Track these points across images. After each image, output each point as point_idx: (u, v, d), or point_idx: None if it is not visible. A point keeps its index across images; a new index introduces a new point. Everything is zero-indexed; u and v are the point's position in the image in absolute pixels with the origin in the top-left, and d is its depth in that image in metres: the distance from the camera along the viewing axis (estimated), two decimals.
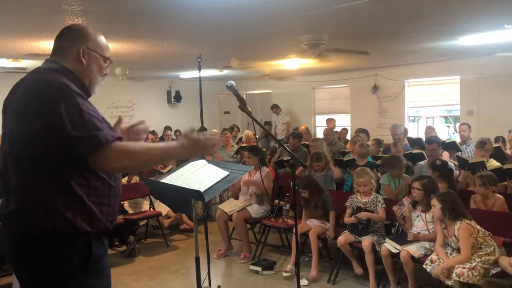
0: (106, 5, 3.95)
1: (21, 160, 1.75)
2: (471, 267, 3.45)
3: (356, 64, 9.13)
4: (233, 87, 2.62)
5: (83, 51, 1.91)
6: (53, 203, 1.73)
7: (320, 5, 4.11)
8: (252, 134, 8.38)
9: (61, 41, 1.95)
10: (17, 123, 1.77)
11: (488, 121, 8.13)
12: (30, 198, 1.74)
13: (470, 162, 5.09)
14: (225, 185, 2.30)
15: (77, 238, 1.79)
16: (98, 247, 1.85)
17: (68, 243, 1.77)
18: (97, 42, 1.97)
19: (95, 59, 1.96)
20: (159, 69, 9.49)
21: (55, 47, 1.97)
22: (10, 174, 1.79)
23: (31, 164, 1.73)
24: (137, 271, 4.99)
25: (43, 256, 1.76)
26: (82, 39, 1.93)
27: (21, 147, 1.75)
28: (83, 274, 1.80)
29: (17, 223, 1.77)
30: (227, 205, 5.53)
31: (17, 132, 1.77)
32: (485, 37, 5.91)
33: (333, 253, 4.94)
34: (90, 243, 1.82)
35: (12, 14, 4.21)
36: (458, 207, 3.68)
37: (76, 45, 1.91)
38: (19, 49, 6.04)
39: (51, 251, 1.76)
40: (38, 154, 1.72)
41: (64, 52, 1.92)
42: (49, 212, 1.73)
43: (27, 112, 1.74)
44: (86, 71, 1.93)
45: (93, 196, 1.80)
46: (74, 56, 1.91)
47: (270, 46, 6.50)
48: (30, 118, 1.72)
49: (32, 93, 1.76)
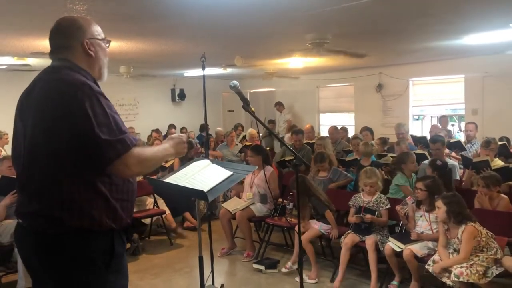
0: (111, 4, 3.96)
1: (45, 160, 1.75)
2: (469, 266, 3.46)
3: (360, 63, 9.12)
4: (236, 87, 2.62)
5: (87, 44, 1.92)
6: (78, 202, 1.74)
7: (325, 4, 4.10)
8: (256, 132, 8.40)
9: (58, 38, 1.95)
10: (40, 123, 1.76)
11: (493, 120, 8.11)
12: (54, 197, 1.74)
13: (474, 161, 5.07)
14: (229, 185, 2.30)
15: (101, 236, 1.80)
16: (119, 245, 1.87)
17: (93, 240, 1.79)
18: (91, 29, 1.97)
19: (98, 46, 1.98)
20: (163, 68, 9.51)
21: (53, 44, 1.96)
22: (32, 174, 1.79)
23: (55, 164, 1.73)
24: (141, 269, 5.01)
25: (67, 254, 1.76)
26: (80, 32, 1.93)
27: (45, 147, 1.74)
28: (106, 271, 1.81)
29: (41, 222, 1.77)
30: (230, 204, 5.54)
31: (40, 132, 1.76)
32: (490, 36, 5.89)
33: (336, 252, 4.94)
34: (113, 240, 1.84)
35: (17, 13, 4.23)
36: (463, 211, 3.67)
37: (78, 41, 1.91)
38: (24, 48, 6.07)
39: (75, 249, 1.77)
40: (62, 154, 1.72)
41: (70, 50, 1.92)
42: (74, 210, 1.74)
43: (51, 112, 1.73)
44: (96, 61, 1.96)
45: (115, 193, 1.83)
46: (80, 51, 1.92)
47: (274, 44, 6.49)
48: (53, 119, 1.72)
49: (54, 95, 1.76)
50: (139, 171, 1.88)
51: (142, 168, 1.85)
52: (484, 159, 5.00)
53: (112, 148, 1.71)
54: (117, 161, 1.73)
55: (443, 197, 3.79)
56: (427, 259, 3.82)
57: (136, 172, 1.85)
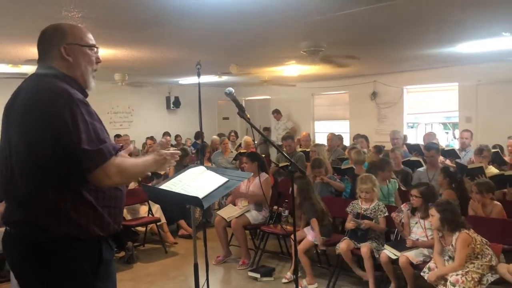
0: (106, 12, 3.97)
1: (28, 169, 1.74)
2: (464, 273, 3.46)
3: (355, 71, 9.16)
4: (232, 94, 2.62)
5: (64, 49, 1.89)
6: (64, 210, 1.73)
7: (319, 12, 4.13)
8: (251, 140, 8.39)
9: (42, 45, 1.94)
10: (21, 132, 1.76)
11: (487, 127, 8.15)
12: (41, 206, 1.73)
13: (469, 168, 5.10)
14: (224, 191, 2.29)
15: (89, 243, 1.80)
16: (107, 252, 1.86)
17: (80, 248, 1.78)
18: (74, 35, 1.92)
19: (80, 52, 1.92)
20: (158, 75, 9.51)
21: (39, 52, 1.95)
22: (17, 182, 1.78)
23: (38, 172, 1.72)
24: (136, 277, 4.97)
25: (55, 262, 1.75)
26: (60, 37, 1.90)
27: (28, 156, 1.73)
28: (94, 278, 1.80)
29: (29, 231, 1.76)
30: (225, 211, 5.52)
31: (22, 141, 1.75)
32: (483, 44, 5.94)
33: (332, 259, 4.93)
34: (101, 247, 1.83)
35: (12, 20, 4.23)
36: (457, 218, 3.67)
37: (55, 46, 1.89)
38: (19, 55, 6.05)
39: (63, 257, 1.76)
40: (44, 163, 1.71)
41: (49, 56, 1.90)
42: (61, 218, 1.73)
43: (31, 121, 1.73)
44: (75, 67, 1.91)
45: (101, 200, 1.82)
46: (58, 57, 1.89)
47: (269, 52, 6.52)
48: (35, 128, 1.71)
49: (35, 102, 1.75)
50: (119, 181, 1.83)
51: (122, 178, 1.81)
52: (479, 165, 5.02)
53: (89, 159, 1.69)
54: (96, 171, 1.70)
55: (436, 205, 3.79)
56: (423, 266, 3.82)
57: (117, 182, 1.80)
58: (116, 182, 1.81)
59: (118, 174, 1.76)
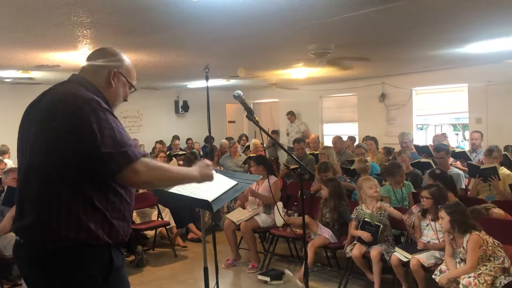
0: (114, 17, 3.99)
1: (45, 170, 1.74)
2: (476, 276, 3.42)
3: (363, 73, 9.14)
4: (240, 97, 2.63)
5: (114, 73, 1.96)
6: (75, 213, 1.73)
7: (327, 14, 4.12)
8: (260, 143, 8.39)
9: (95, 58, 1.99)
10: (43, 134, 1.77)
11: (497, 128, 8.08)
12: (52, 209, 1.73)
13: (482, 168, 5.03)
14: (233, 194, 2.29)
15: (99, 249, 1.79)
16: (118, 257, 1.86)
17: (90, 254, 1.77)
18: (128, 69, 2.03)
19: (123, 84, 2.02)
20: (166, 79, 9.55)
21: (86, 66, 2.00)
22: (30, 187, 1.78)
23: (55, 176, 1.73)
24: (146, 281, 4.98)
25: (65, 269, 1.75)
26: (117, 62, 1.99)
27: (46, 158, 1.74)
28: (105, 285, 1.80)
29: (38, 236, 1.75)
30: (234, 215, 5.52)
31: (43, 143, 1.76)
32: (492, 44, 5.89)
33: (342, 262, 4.91)
34: (111, 253, 1.83)
35: (22, 26, 4.27)
36: (467, 220, 3.63)
37: (108, 67, 1.95)
38: (29, 61, 6.11)
39: (73, 264, 1.75)
40: (64, 167, 1.72)
41: (95, 72, 1.96)
42: (72, 223, 1.73)
43: (55, 124, 1.74)
44: (113, 93, 1.98)
45: (111, 211, 1.82)
46: (104, 76, 1.95)
47: (277, 55, 6.52)
48: (58, 130, 1.72)
49: (61, 106, 1.76)
50: (148, 179, 1.80)
51: (151, 177, 1.80)
52: (492, 165, 4.96)
53: (114, 160, 1.71)
54: (124, 171, 1.72)
55: (446, 207, 3.76)
56: (434, 269, 3.78)
57: (145, 179, 1.78)
58: (145, 179, 1.78)
59: (146, 171, 1.76)
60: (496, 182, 4.83)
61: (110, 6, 3.64)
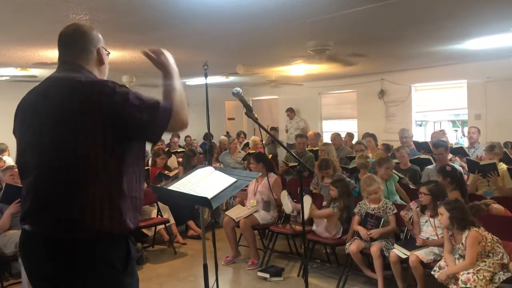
0: (113, 14, 3.99)
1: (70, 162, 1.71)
2: (475, 272, 3.43)
3: (362, 69, 9.12)
4: (239, 94, 2.62)
5: (99, 50, 1.94)
6: (100, 201, 1.71)
7: (326, 11, 4.12)
8: (259, 140, 8.39)
9: (77, 42, 1.92)
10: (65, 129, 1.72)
11: (496, 125, 8.08)
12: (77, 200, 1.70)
13: (481, 164, 5.04)
14: (233, 191, 2.29)
15: (118, 239, 1.79)
16: (133, 248, 1.85)
17: (112, 243, 1.76)
18: (101, 39, 1.98)
19: (105, 56, 1.99)
20: None
21: (71, 48, 1.92)
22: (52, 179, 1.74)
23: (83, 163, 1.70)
24: (145, 278, 4.99)
25: (85, 260, 1.72)
26: (97, 38, 1.95)
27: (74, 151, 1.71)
28: (123, 275, 1.79)
29: (60, 228, 1.72)
30: (234, 212, 5.53)
31: (65, 133, 1.72)
32: (491, 40, 5.88)
33: (341, 259, 4.92)
34: (128, 243, 1.82)
35: (20, 24, 4.26)
36: (466, 217, 3.64)
37: (95, 47, 1.93)
38: (27, 58, 6.10)
39: (94, 255, 1.73)
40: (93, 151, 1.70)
41: (85, 55, 1.91)
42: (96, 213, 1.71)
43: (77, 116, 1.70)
44: (104, 70, 1.98)
45: (131, 190, 1.80)
46: (94, 57, 1.93)
47: (276, 52, 6.51)
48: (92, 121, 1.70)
49: (78, 96, 1.73)
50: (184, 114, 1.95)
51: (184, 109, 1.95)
52: (491, 162, 4.96)
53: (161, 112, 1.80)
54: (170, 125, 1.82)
55: (445, 203, 3.77)
56: (433, 265, 3.79)
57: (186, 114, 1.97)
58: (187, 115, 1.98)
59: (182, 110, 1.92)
60: (495, 178, 4.85)
61: (108, 4, 3.64)
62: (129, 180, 1.79)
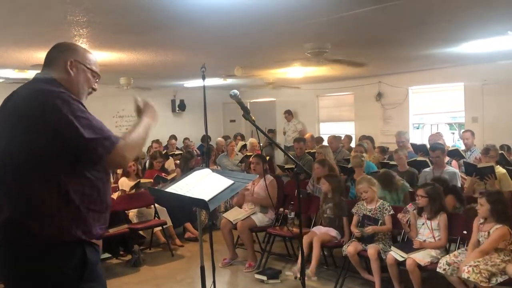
0: (111, 16, 3.99)
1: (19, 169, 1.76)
2: (473, 265, 3.44)
3: (359, 72, 9.14)
4: (236, 96, 2.63)
5: (70, 63, 1.96)
6: (49, 208, 1.74)
7: (323, 13, 4.13)
8: (257, 142, 8.39)
9: (51, 54, 2.02)
10: (17, 132, 1.78)
11: (493, 127, 8.10)
12: (26, 205, 1.74)
13: (479, 167, 5.04)
14: (230, 194, 2.30)
15: (72, 246, 1.79)
16: (92, 254, 1.86)
17: (63, 251, 1.78)
18: (85, 56, 2.02)
19: (83, 71, 2.00)
20: (163, 79, 9.54)
21: (45, 61, 2.02)
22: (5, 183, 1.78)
23: (30, 171, 1.74)
24: (143, 281, 4.98)
25: (38, 266, 1.75)
26: (70, 52, 2.00)
27: (22, 156, 1.75)
28: (79, 281, 1.80)
29: (11, 232, 1.76)
30: (231, 214, 5.52)
31: (17, 141, 1.77)
32: (488, 43, 5.90)
33: (338, 261, 4.92)
34: (85, 250, 1.83)
35: (18, 25, 4.26)
36: (507, 210, 3.64)
37: (63, 57, 1.97)
38: (24, 60, 6.09)
39: (46, 261, 1.75)
40: (41, 162, 1.74)
41: (52, 64, 1.98)
42: (44, 218, 1.74)
43: (30, 122, 1.75)
44: (74, 82, 1.97)
45: (87, 203, 1.82)
46: (62, 67, 1.96)
47: (274, 54, 6.52)
48: (33, 129, 1.74)
49: (32, 102, 1.78)
50: (130, 156, 1.92)
51: (134, 152, 1.94)
52: (489, 165, 4.97)
53: (100, 146, 1.75)
54: (110, 156, 1.78)
55: (488, 195, 3.75)
56: (431, 268, 3.79)
57: (132, 158, 1.96)
58: (132, 157, 1.95)
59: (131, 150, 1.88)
60: (493, 181, 4.86)
61: (106, 5, 3.64)
62: (79, 191, 1.80)
